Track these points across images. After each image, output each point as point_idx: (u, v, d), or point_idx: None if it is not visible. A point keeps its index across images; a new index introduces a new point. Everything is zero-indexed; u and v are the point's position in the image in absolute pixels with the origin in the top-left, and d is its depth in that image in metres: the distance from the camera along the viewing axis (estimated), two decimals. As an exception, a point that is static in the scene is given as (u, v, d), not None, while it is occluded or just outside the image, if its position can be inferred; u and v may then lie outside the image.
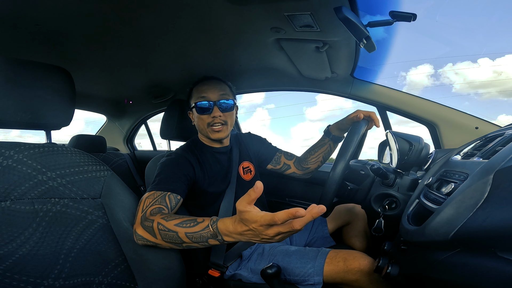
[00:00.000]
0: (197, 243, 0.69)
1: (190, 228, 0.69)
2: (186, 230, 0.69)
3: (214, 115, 1.02)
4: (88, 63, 1.34)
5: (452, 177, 0.64)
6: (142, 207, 0.79)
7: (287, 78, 1.50)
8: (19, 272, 0.61)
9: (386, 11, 0.85)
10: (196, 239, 0.68)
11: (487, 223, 0.46)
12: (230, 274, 0.98)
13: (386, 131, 1.05)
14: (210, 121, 1.03)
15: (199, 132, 1.12)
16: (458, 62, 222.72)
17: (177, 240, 0.70)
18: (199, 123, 1.06)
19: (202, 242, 0.68)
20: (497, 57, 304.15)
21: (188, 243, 0.70)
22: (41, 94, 0.74)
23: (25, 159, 0.68)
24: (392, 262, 0.72)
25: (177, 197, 0.86)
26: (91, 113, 2.27)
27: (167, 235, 0.70)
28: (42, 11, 0.88)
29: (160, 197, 0.83)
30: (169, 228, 0.70)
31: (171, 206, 0.83)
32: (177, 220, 0.71)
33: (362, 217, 1.22)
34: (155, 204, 0.80)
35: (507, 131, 0.68)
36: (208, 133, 1.05)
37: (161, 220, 0.72)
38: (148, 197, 0.82)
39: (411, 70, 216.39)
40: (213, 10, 0.87)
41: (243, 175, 1.16)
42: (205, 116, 1.03)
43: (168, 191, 0.85)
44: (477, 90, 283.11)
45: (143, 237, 0.73)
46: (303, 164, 1.22)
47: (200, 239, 0.68)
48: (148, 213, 0.77)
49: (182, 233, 0.69)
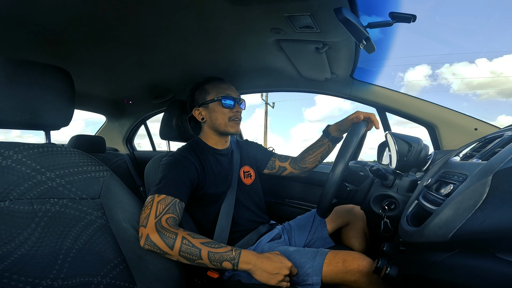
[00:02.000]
0: (211, 262, 0.77)
1: (215, 248, 0.78)
2: (210, 249, 0.77)
3: (237, 110, 1.11)
4: (88, 63, 1.34)
5: (451, 178, 0.64)
6: (155, 212, 0.81)
7: (286, 78, 1.50)
8: (17, 272, 0.61)
9: (386, 12, 0.86)
10: (214, 259, 0.77)
11: (486, 224, 0.46)
12: (229, 275, 0.98)
13: (385, 132, 1.05)
14: (231, 115, 1.10)
15: (211, 128, 1.14)
16: (455, 63, 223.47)
17: (196, 256, 0.76)
18: (218, 117, 1.10)
19: (216, 262, 0.77)
20: (494, 57, 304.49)
21: (202, 261, 0.77)
22: (40, 94, 0.74)
23: (24, 159, 0.68)
24: (391, 263, 0.72)
25: (183, 204, 0.90)
26: (91, 114, 2.26)
27: (189, 250, 0.77)
28: (41, 11, 0.88)
29: (171, 205, 0.85)
30: (194, 244, 0.77)
31: (180, 214, 0.87)
32: (202, 239, 0.79)
33: (361, 218, 1.22)
34: (169, 213, 0.83)
35: (506, 133, 0.68)
36: (228, 127, 1.11)
37: (187, 236, 0.78)
38: (160, 202, 0.84)
39: (408, 70, 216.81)
40: (213, 10, 0.87)
41: (244, 179, 1.18)
42: (227, 110, 1.10)
43: (177, 197, 0.88)
44: (475, 91, 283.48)
45: (155, 244, 0.76)
46: (300, 163, 1.24)
47: (218, 259, 0.77)
48: (164, 221, 0.80)
49: (205, 251, 0.77)
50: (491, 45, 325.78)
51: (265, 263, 0.80)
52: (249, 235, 1.10)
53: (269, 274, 0.79)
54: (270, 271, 0.79)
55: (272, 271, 0.79)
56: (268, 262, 0.80)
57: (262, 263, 0.79)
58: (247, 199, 1.15)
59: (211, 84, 1.13)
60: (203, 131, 1.17)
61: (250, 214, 1.14)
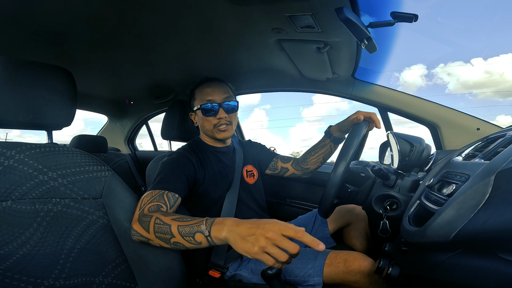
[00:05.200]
0: (183, 237, 0.66)
1: (184, 222, 0.68)
2: (179, 223, 0.68)
3: (220, 117, 1.05)
4: (90, 64, 1.35)
5: (453, 178, 0.64)
6: (140, 205, 0.81)
7: (288, 78, 1.50)
8: (19, 272, 0.61)
9: (387, 12, 0.85)
10: (184, 233, 0.66)
11: (488, 224, 0.46)
12: (230, 275, 0.98)
13: (387, 132, 1.05)
14: (216, 122, 1.06)
15: (203, 133, 1.14)
16: (450, 62, 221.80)
17: (167, 233, 0.68)
18: (204, 124, 1.09)
19: (188, 236, 0.66)
20: (489, 56, 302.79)
21: (176, 238, 0.67)
22: (43, 94, 0.74)
23: (26, 159, 0.68)
24: (392, 263, 0.72)
25: (175, 195, 0.87)
26: (90, 114, 2.28)
27: (160, 228, 0.70)
28: (44, 12, 0.88)
29: (158, 195, 0.84)
30: (164, 221, 0.70)
31: (170, 205, 0.84)
32: (175, 216, 0.71)
33: (363, 218, 1.22)
34: (153, 202, 0.82)
35: (509, 132, 0.67)
36: (214, 134, 1.08)
37: (161, 216, 0.72)
38: (147, 196, 0.84)
39: (404, 70, 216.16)
40: (214, 11, 0.87)
41: (246, 178, 1.18)
42: (211, 118, 1.06)
43: (167, 190, 0.86)
44: (471, 91, 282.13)
45: (137, 232, 0.74)
46: (302, 164, 1.24)
47: (189, 232, 0.65)
48: (146, 210, 0.79)
49: (174, 226, 0.68)
50: (490, 45, 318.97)
51: (241, 226, 0.59)
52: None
53: (243, 239, 0.57)
54: (244, 233, 0.58)
55: (247, 233, 0.57)
56: (245, 225, 0.59)
57: (237, 227, 0.60)
58: (249, 198, 1.15)
59: (198, 89, 1.10)
60: (201, 132, 1.17)
61: (252, 213, 1.14)
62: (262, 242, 0.55)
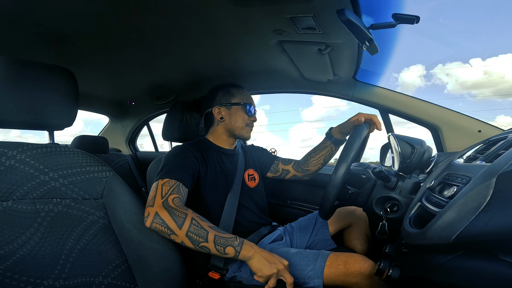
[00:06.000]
0: (216, 245, 0.78)
1: (221, 233, 0.80)
2: (216, 233, 0.80)
3: (254, 119, 1.20)
4: (92, 64, 1.35)
5: (455, 180, 0.64)
6: (161, 193, 0.84)
7: (289, 80, 1.50)
8: (19, 272, 0.61)
9: (389, 14, 0.85)
10: (219, 243, 0.79)
11: (490, 227, 0.45)
12: (230, 276, 0.98)
13: (388, 134, 1.04)
14: (249, 122, 1.18)
15: (227, 128, 1.17)
16: (448, 63, 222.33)
17: (202, 238, 0.78)
18: (238, 119, 1.15)
19: (221, 246, 0.79)
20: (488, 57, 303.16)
21: (207, 244, 0.78)
22: (44, 94, 0.74)
23: (27, 159, 0.68)
24: (393, 265, 0.71)
25: (186, 189, 0.91)
26: (90, 114, 2.28)
27: (197, 230, 0.78)
28: (46, 12, 0.88)
29: (176, 187, 0.88)
30: (202, 226, 0.79)
31: (185, 198, 0.89)
32: (209, 224, 0.82)
33: (363, 220, 1.22)
34: (174, 194, 0.85)
35: (510, 135, 0.67)
36: (243, 131, 1.17)
37: (197, 218, 0.81)
38: (165, 184, 0.87)
39: (403, 70, 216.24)
40: (216, 12, 0.87)
41: (248, 182, 1.19)
42: (247, 117, 1.17)
43: (180, 181, 0.90)
44: (470, 91, 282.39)
45: (164, 222, 0.77)
46: (303, 166, 1.24)
47: (223, 243, 0.79)
48: (170, 201, 0.82)
49: (212, 234, 0.79)
50: (490, 45, 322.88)
51: (265, 252, 0.82)
52: (250, 236, 1.10)
53: (266, 262, 0.80)
54: (268, 259, 0.80)
55: (270, 260, 0.80)
56: (268, 253, 0.83)
57: (262, 252, 0.82)
58: (250, 201, 1.16)
59: (237, 89, 1.19)
60: (214, 131, 1.19)
61: (252, 215, 1.14)
62: (280, 267, 0.79)
